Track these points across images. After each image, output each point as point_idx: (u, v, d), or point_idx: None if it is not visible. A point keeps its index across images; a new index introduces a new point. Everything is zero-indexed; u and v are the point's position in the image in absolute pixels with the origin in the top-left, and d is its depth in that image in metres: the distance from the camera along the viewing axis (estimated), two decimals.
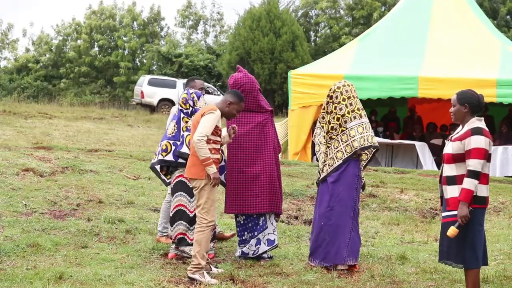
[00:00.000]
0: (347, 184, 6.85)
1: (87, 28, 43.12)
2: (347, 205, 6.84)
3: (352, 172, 6.87)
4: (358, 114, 6.91)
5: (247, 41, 30.84)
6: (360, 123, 6.88)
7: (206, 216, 6.36)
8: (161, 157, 7.13)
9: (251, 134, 7.15)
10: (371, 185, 11.37)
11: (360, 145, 6.80)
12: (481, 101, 5.55)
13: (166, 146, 7.14)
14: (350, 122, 6.88)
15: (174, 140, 7.12)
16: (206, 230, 6.36)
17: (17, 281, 5.96)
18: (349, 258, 6.79)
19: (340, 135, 6.90)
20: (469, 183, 5.29)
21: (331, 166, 6.89)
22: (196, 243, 6.36)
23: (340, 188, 6.84)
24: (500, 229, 9.11)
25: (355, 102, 6.95)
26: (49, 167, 11.06)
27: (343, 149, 6.86)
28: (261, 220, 7.21)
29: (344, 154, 6.85)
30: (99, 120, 24.28)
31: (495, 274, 6.62)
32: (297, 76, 15.06)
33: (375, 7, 37.24)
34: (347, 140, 6.86)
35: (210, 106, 6.48)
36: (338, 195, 6.83)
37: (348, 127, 6.87)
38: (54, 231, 7.95)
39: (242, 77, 7.17)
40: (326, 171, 6.93)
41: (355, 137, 6.82)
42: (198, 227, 6.38)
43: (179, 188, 7.12)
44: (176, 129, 7.16)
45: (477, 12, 16.42)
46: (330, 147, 6.96)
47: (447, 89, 13.12)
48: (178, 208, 7.10)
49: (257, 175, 7.10)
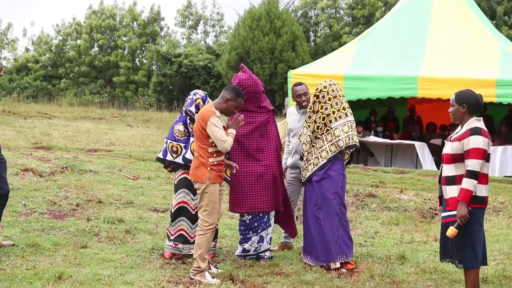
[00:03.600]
0: (333, 182, 6.91)
1: (87, 28, 43.12)
2: (333, 203, 6.90)
3: (337, 170, 6.94)
4: (344, 113, 6.97)
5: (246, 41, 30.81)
6: (346, 121, 6.96)
7: (208, 219, 6.36)
8: (171, 158, 7.15)
9: (254, 134, 7.17)
10: (370, 185, 11.38)
11: (346, 144, 6.87)
12: (479, 101, 5.55)
13: (177, 148, 7.16)
14: (335, 121, 6.94)
15: (185, 144, 7.14)
16: (207, 233, 6.36)
17: (17, 281, 5.96)
18: (338, 255, 6.83)
19: (325, 135, 6.97)
20: (468, 183, 5.29)
21: (316, 165, 6.97)
22: (197, 246, 6.36)
23: (325, 186, 6.91)
24: (499, 229, 9.11)
25: (341, 101, 7.01)
26: (48, 167, 11.06)
27: (327, 148, 6.93)
28: (265, 218, 7.25)
29: (329, 154, 6.92)
30: (98, 120, 24.27)
31: (494, 274, 6.63)
32: (296, 76, 15.03)
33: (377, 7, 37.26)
34: (331, 140, 6.92)
35: (207, 109, 6.45)
36: (324, 194, 6.90)
37: (333, 127, 6.94)
38: (53, 231, 7.95)
39: (247, 78, 7.17)
40: (311, 170, 6.99)
41: (340, 136, 6.89)
42: (200, 230, 6.38)
43: (183, 185, 7.13)
44: (186, 132, 7.16)
45: (476, 12, 16.41)
46: (315, 146, 7.03)
47: (446, 89, 13.11)
48: (181, 205, 7.11)
49: (260, 175, 7.14)
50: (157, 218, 8.99)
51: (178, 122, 7.25)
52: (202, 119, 6.37)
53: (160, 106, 35.54)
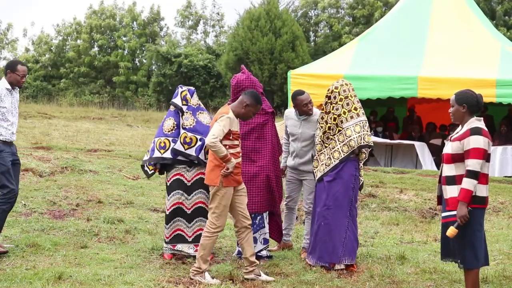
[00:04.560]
0: (344, 183, 6.87)
1: (87, 28, 43.10)
2: (343, 205, 6.86)
3: (348, 171, 6.89)
4: (356, 113, 6.93)
5: (245, 41, 30.75)
6: (358, 121, 6.90)
7: (216, 221, 6.35)
8: (159, 154, 7.11)
9: (250, 135, 7.18)
10: (370, 185, 11.37)
11: (357, 144, 6.82)
12: (479, 101, 5.55)
13: (165, 143, 7.14)
14: (346, 122, 6.90)
15: (173, 137, 7.13)
16: (213, 236, 6.35)
17: (17, 281, 5.96)
18: (344, 257, 6.81)
19: (337, 135, 6.93)
20: (468, 183, 5.29)
21: (328, 166, 6.93)
22: (201, 246, 6.35)
23: (336, 187, 6.87)
24: (499, 229, 9.11)
25: (352, 101, 6.96)
26: (48, 167, 11.06)
27: (339, 148, 6.89)
28: (258, 219, 7.26)
29: (341, 154, 6.88)
30: (98, 120, 24.29)
31: (494, 274, 6.63)
32: (296, 76, 15.05)
33: (376, 7, 37.25)
34: (343, 140, 6.88)
35: (223, 110, 6.42)
36: (334, 195, 6.87)
37: (344, 127, 6.89)
38: (53, 231, 7.95)
39: (245, 79, 7.17)
40: (323, 170, 6.96)
41: (351, 136, 6.84)
42: (206, 231, 6.36)
43: (176, 186, 7.13)
44: (175, 127, 7.16)
45: (476, 12, 16.41)
46: (327, 147, 6.99)
47: (446, 89, 13.10)
48: (176, 206, 7.12)
49: (254, 175, 7.15)
50: (157, 218, 8.98)
51: (166, 118, 7.25)
52: (215, 118, 6.35)
53: (160, 106, 35.53)
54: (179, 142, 7.03)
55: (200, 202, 7.16)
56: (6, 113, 6.88)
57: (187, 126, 7.10)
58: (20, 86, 7.05)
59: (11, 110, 6.94)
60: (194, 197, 7.15)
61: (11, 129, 6.94)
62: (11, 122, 6.94)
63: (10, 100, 6.94)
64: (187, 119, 7.13)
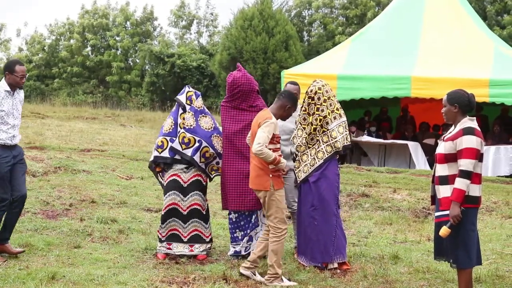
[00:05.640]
0: (329, 182, 6.91)
1: (79, 28, 43.00)
2: (330, 204, 6.90)
3: (332, 171, 6.94)
4: (338, 114, 6.99)
5: (238, 41, 30.74)
6: (341, 122, 6.98)
7: (280, 225, 6.33)
8: (157, 153, 7.15)
9: (244, 133, 7.16)
10: (364, 185, 11.39)
11: (342, 145, 6.89)
12: (471, 101, 5.56)
13: (162, 142, 7.16)
14: (331, 123, 6.94)
15: (170, 136, 7.14)
16: (281, 239, 6.34)
17: (10, 281, 5.94)
18: (336, 256, 6.84)
19: (321, 136, 6.96)
20: (460, 183, 5.30)
21: (312, 166, 6.95)
22: (271, 252, 6.32)
23: (322, 187, 6.90)
24: (492, 229, 9.13)
25: (334, 102, 7.02)
26: (41, 167, 11.04)
27: (323, 149, 6.93)
28: (253, 218, 7.25)
29: (325, 154, 6.92)
30: (91, 120, 24.23)
31: (487, 274, 6.65)
32: (290, 76, 15.04)
33: (369, 7, 37.28)
34: (327, 141, 6.93)
35: (265, 115, 6.37)
36: (321, 194, 6.89)
37: (330, 128, 6.93)
38: (46, 231, 7.93)
39: (241, 77, 7.17)
40: (307, 171, 6.97)
41: (336, 137, 6.89)
42: (274, 237, 6.32)
43: (172, 187, 7.13)
44: (173, 125, 7.17)
45: (469, 12, 16.47)
46: (311, 148, 7.00)
47: (439, 89, 13.14)
48: (171, 207, 7.11)
49: (248, 173, 7.11)
50: (151, 218, 8.97)
51: (168, 117, 7.31)
52: (258, 123, 6.32)
53: (153, 106, 35.47)
54: (177, 141, 7.05)
55: (196, 204, 7.16)
56: (5, 116, 6.66)
57: (187, 126, 7.11)
58: (20, 87, 6.84)
59: (11, 112, 6.73)
60: (190, 199, 7.15)
61: (12, 132, 6.73)
62: (12, 125, 6.73)
63: (11, 102, 6.73)
64: (188, 119, 7.14)
